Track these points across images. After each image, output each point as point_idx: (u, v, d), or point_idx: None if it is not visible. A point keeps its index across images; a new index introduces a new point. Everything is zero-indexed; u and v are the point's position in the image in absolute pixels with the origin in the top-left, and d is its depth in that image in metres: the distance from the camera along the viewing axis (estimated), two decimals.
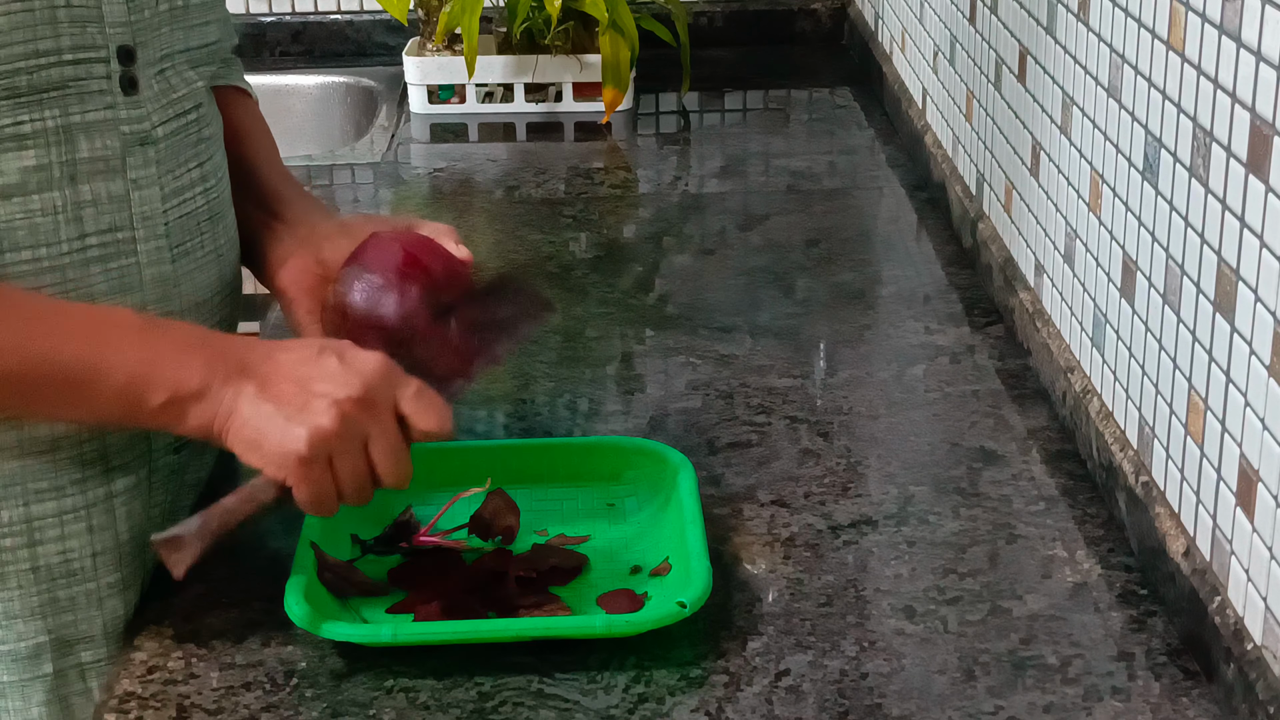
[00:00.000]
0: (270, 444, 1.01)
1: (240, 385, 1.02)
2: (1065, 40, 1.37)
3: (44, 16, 1.02)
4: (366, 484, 1.04)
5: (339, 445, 1.01)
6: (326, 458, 1.01)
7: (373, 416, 1.02)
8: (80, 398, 1.02)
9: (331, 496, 1.03)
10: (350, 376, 1.02)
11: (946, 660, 1.06)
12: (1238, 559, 1.01)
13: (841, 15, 2.57)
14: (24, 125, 1.03)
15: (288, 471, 1.02)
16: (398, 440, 1.04)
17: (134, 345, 1.02)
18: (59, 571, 1.10)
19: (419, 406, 1.04)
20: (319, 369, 1.03)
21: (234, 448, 1.03)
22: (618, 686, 1.04)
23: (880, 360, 1.49)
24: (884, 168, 2.02)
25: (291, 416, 1.01)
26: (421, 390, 1.05)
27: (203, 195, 1.14)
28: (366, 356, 1.04)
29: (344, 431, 1.01)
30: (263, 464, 1.02)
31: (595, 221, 1.87)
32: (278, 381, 1.02)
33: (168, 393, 1.01)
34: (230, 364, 1.03)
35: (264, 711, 1.02)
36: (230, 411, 1.02)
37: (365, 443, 1.02)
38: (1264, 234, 0.96)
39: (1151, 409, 1.17)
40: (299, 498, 1.03)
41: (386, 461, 1.03)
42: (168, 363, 1.02)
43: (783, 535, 1.20)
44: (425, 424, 1.04)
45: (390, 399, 1.03)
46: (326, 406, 1.01)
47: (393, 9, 2.21)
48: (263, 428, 1.01)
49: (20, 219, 1.03)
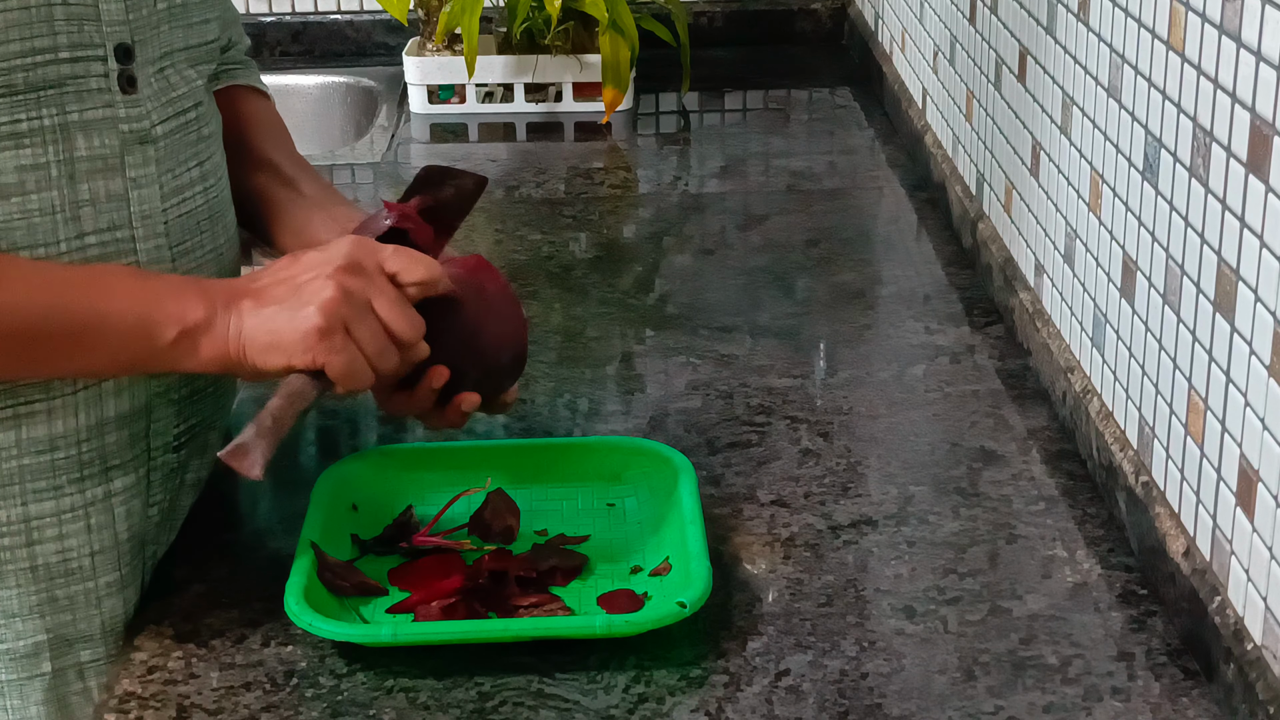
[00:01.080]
0: (287, 334, 1.04)
1: (238, 304, 1.05)
2: (1065, 40, 1.37)
3: (41, 14, 1.02)
4: (387, 343, 1.06)
5: (347, 310, 1.04)
6: (342, 325, 1.04)
7: (366, 278, 1.06)
8: (92, 346, 1.03)
9: (361, 362, 1.05)
10: (331, 255, 1.06)
11: (946, 660, 1.06)
12: (1238, 559, 1.01)
13: (841, 15, 2.57)
14: (21, 123, 1.02)
15: (313, 350, 1.04)
16: (396, 294, 1.07)
17: (132, 289, 1.05)
18: (57, 570, 1.10)
19: (404, 261, 1.08)
20: (300, 264, 1.07)
21: (255, 360, 1.04)
22: (618, 686, 1.04)
23: (880, 360, 1.49)
24: (884, 168, 2.02)
25: (295, 304, 1.04)
26: (400, 248, 1.09)
27: (202, 194, 1.14)
28: (339, 239, 1.08)
29: (346, 296, 1.04)
30: (288, 358, 1.04)
31: (595, 221, 1.87)
32: (270, 288, 1.06)
33: (176, 327, 1.03)
34: (223, 292, 1.06)
35: (264, 711, 1.02)
36: (239, 329, 1.04)
37: (370, 305, 1.05)
38: (1264, 234, 0.96)
39: (1151, 409, 1.17)
40: (332, 372, 1.05)
41: (394, 314, 1.06)
42: (169, 299, 1.04)
43: (783, 535, 1.20)
44: (415, 274, 1.08)
45: (374, 262, 1.07)
46: (322, 282, 1.04)
47: (393, 9, 2.21)
48: (274, 325, 1.04)
49: (19, 218, 1.03)
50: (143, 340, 1.03)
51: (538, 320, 1.58)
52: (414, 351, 1.08)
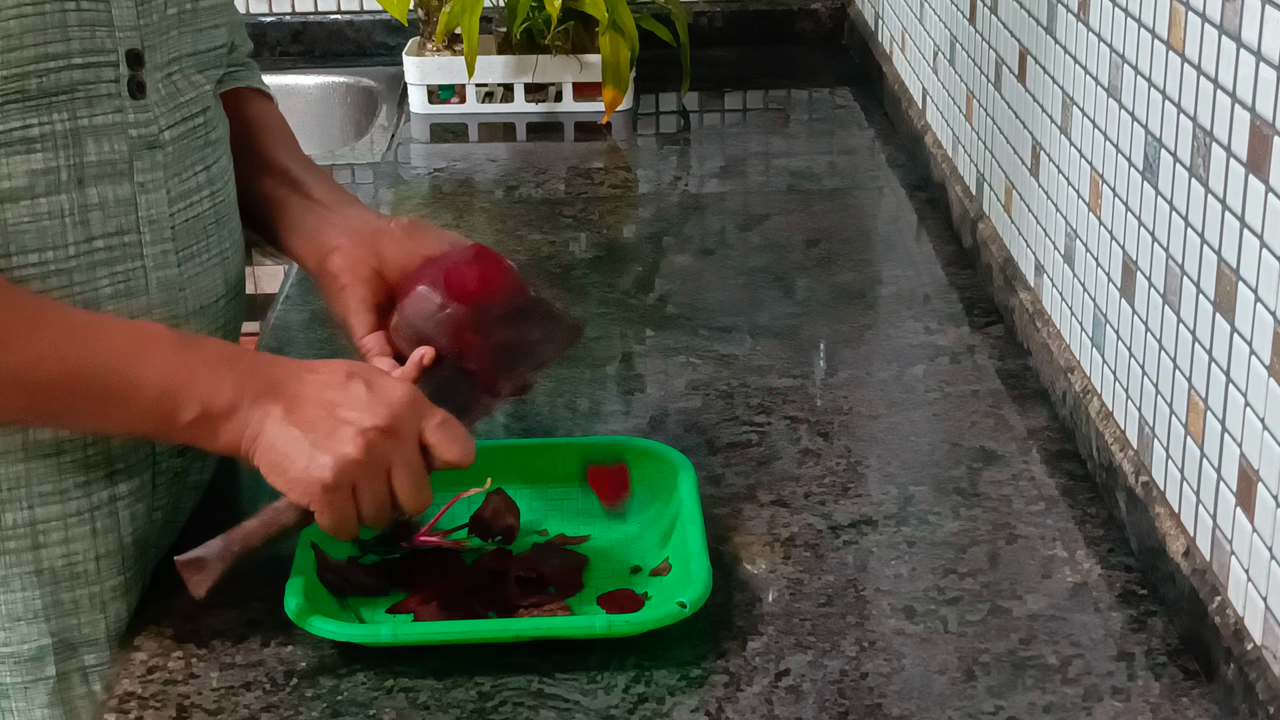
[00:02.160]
0: (295, 470, 1.02)
1: (268, 406, 1.02)
2: (1065, 40, 1.37)
3: (54, 20, 1.02)
4: (387, 509, 1.05)
5: (363, 474, 1.02)
6: (350, 486, 1.02)
7: (397, 446, 1.03)
8: (114, 409, 1.03)
9: (353, 521, 1.04)
10: (377, 405, 1.03)
11: (946, 660, 1.06)
12: (1238, 559, 1.02)
13: (841, 15, 2.57)
14: (32, 129, 1.02)
15: (312, 498, 1.02)
16: (420, 469, 1.04)
17: (168, 359, 1.03)
18: (63, 574, 1.10)
19: (443, 437, 1.05)
20: (347, 395, 1.03)
21: (260, 468, 1.03)
22: (618, 686, 1.04)
23: (880, 360, 1.49)
24: (884, 168, 2.02)
25: (318, 443, 1.01)
26: (446, 420, 1.05)
27: (209, 199, 1.14)
28: (394, 385, 1.05)
29: (369, 461, 1.02)
30: (287, 488, 1.03)
31: (595, 221, 1.87)
32: (305, 405, 1.02)
33: (199, 408, 1.02)
34: (260, 383, 1.03)
35: (264, 711, 1.03)
36: (257, 433, 1.02)
37: (389, 472, 1.03)
38: (1264, 234, 0.96)
39: (1151, 409, 1.17)
40: (321, 523, 1.04)
41: (408, 490, 1.04)
42: (200, 379, 1.02)
43: (783, 535, 1.20)
44: (448, 455, 1.05)
45: (415, 429, 1.04)
46: (353, 435, 1.01)
47: (393, 9, 2.21)
48: (289, 452, 1.02)
49: (28, 222, 1.03)
50: (165, 415, 1.02)
51: None
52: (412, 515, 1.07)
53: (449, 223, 1.82)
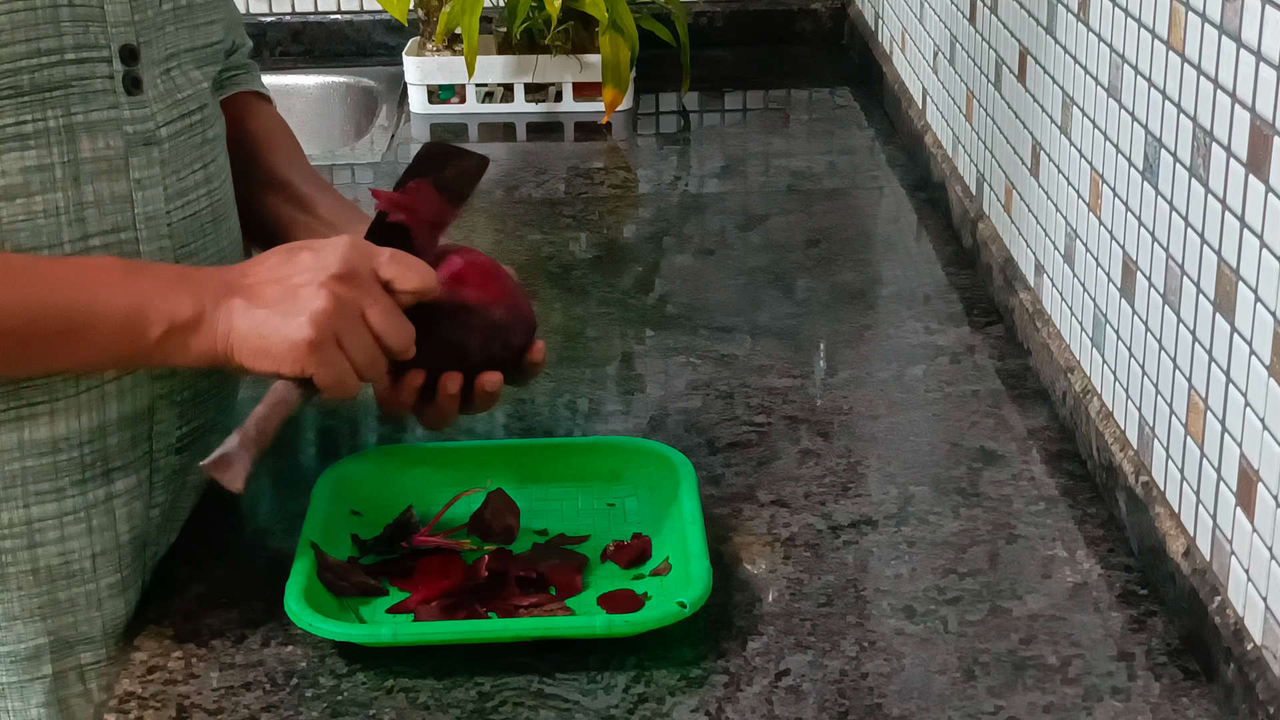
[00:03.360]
0: (277, 342, 1.03)
1: (229, 302, 1.04)
2: (1065, 40, 1.37)
3: (46, 15, 1.02)
4: (376, 353, 1.06)
5: (340, 321, 1.03)
6: (333, 337, 1.03)
7: (360, 286, 1.05)
8: (81, 342, 1.03)
9: (350, 373, 1.05)
10: (326, 259, 1.05)
11: (946, 660, 1.06)
12: (1238, 559, 1.01)
13: (841, 15, 2.57)
14: (26, 125, 1.02)
15: (302, 361, 1.03)
16: (390, 302, 1.06)
17: (124, 284, 1.04)
18: (59, 573, 1.10)
19: (398, 268, 1.06)
20: (295, 265, 1.05)
21: (243, 361, 1.04)
22: (618, 686, 1.04)
23: (880, 360, 1.49)
24: (884, 168, 2.02)
25: (287, 311, 1.03)
26: (395, 254, 1.07)
27: (206, 197, 1.14)
28: (334, 240, 1.07)
29: (339, 307, 1.03)
30: (276, 365, 1.04)
31: (595, 221, 1.87)
32: (262, 287, 1.04)
33: (165, 324, 1.03)
34: (215, 287, 1.05)
35: (264, 711, 1.02)
36: (229, 329, 1.03)
37: (362, 314, 1.05)
38: (1264, 234, 0.96)
39: (1151, 409, 1.17)
40: (320, 382, 1.04)
41: (385, 324, 1.05)
42: (158, 296, 1.03)
43: (783, 535, 1.20)
44: (408, 282, 1.06)
45: (369, 268, 1.06)
46: (315, 290, 1.03)
47: (393, 9, 2.21)
48: (264, 331, 1.03)
49: (23, 219, 1.03)
50: (132, 337, 1.03)
51: (538, 320, 1.57)
52: (403, 358, 1.08)
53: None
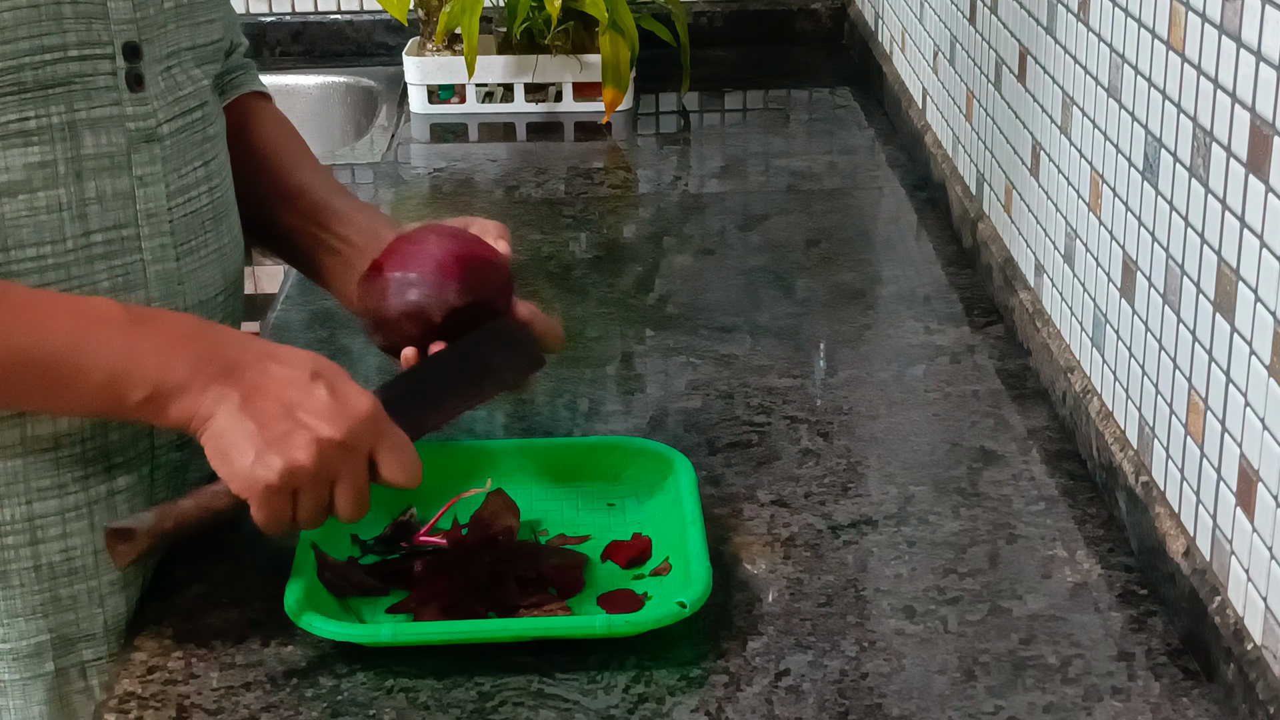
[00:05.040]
0: (241, 464, 1.00)
1: (224, 390, 1.00)
2: (1065, 40, 1.37)
3: (49, 12, 1.02)
4: (323, 516, 1.03)
5: (309, 482, 1.00)
6: (292, 490, 1.00)
7: (348, 460, 1.01)
8: (61, 391, 1.01)
9: (287, 522, 1.02)
10: (337, 416, 1.01)
11: (946, 660, 1.06)
12: (1238, 559, 1.02)
13: (841, 15, 2.57)
14: (29, 121, 1.03)
15: (253, 495, 1.00)
16: (364, 484, 1.03)
17: (118, 341, 1.01)
18: (61, 569, 1.10)
19: (395, 460, 1.03)
20: (308, 397, 1.01)
21: (206, 451, 1.02)
22: (618, 686, 1.04)
23: (880, 360, 1.49)
24: (884, 168, 2.02)
25: (270, 443, 0.99)
26: (401, 444, 1.04)
27: (207, 194, 1.14)
28: (356, 396, 1.02)
29: (317, 471, 1.00)
30: (229, 479, 1.01)
31: (595, 221, 1.87)
32: (263, 398, 1.01)
33: (149, 388, 1.00)
34: (218, 364, 1.01)
35: (264, 711, 1.02)
36: (210, 415, 1.00)
37: (333, 483, 1.02)
38: (1264, 234, 0.96)
39: (1151, 409, 1.17)
40: (255, 518, 1.02)
41: (349, 503, 1.02)
42: (150, 360, 1.01)
43: (783, 535, 1.20)
44: (395, 477, 1.03)
45: (368, 447, 1.02)
46: (307, 442, 0.99)
47: (393, 9, 2.21)
48: (239, 444, 1.00)
49: (25, 216, 1.03)
50: (113, 397, 1.01)
51: None
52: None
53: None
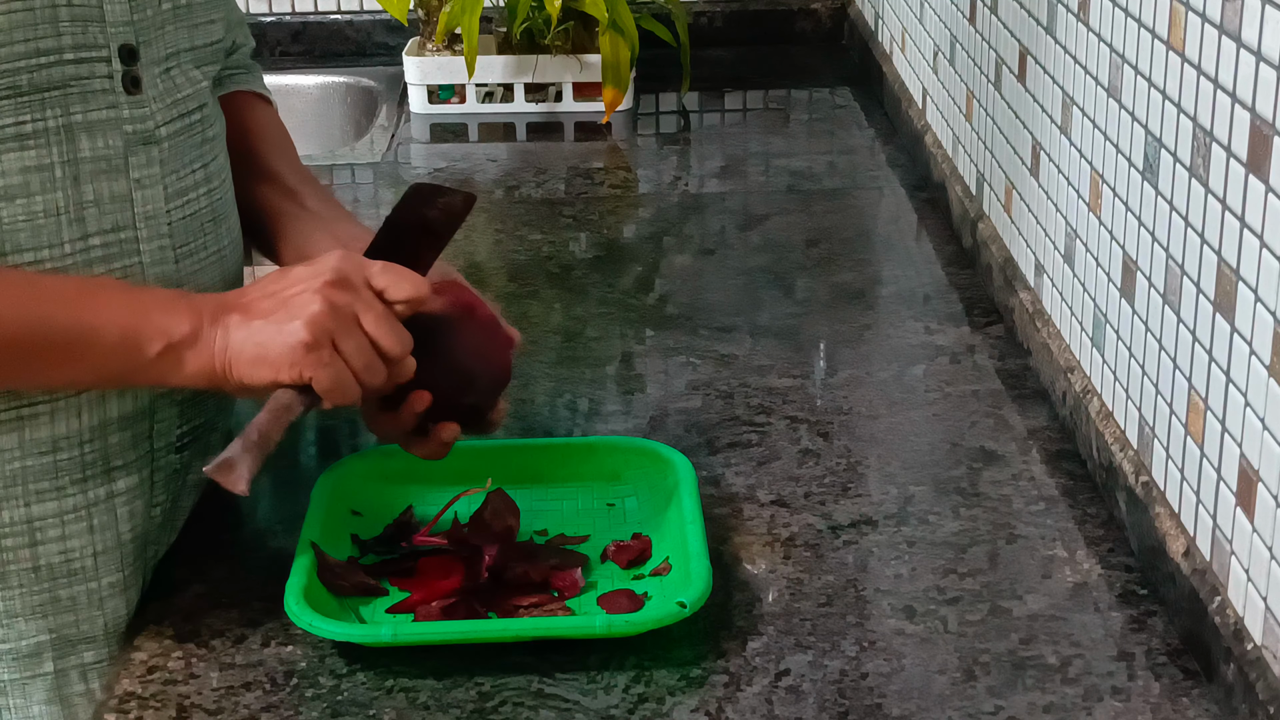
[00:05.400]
0: (274, 349, 1.03)
1: (225, 319, 1.04)
2: (1065, 40, 1.37)
3: (45, 15, 1.02)
4: (373, 358, 1.05)
5: (335, 323, 1.04)
6: (329, 339, 1.04)
7: (353, 293, 1.05)
8: (79, 358, 1.03)
9: (348, 376, 1.05)
10: (317, 268, 1.06)
11: (946, 660, 1.06)
12: (1238, 559, 1.02)
13: (841, 15, 2.57)
14: (26, 125, 1.03)
15: (300, 365, 1.03)
16: (384, 309, 1.06)
17: (122, 301, 1.04)
18: (60, 571, 1.10)
19: (391, 277, 1.07)
20: (288, 279, 1.06)
21: (241, 375, 1.04)
22: (618, 686, 1.04)
23: (880, 360, 1.49)
24: (884, 168, 2.02)
25: (283, 319, 1.03)
26: (387, 264, 1.08)
27: (206, 196, 1.14)
28: (327, 254, 1.08)
29: (333, 310, 1.04)
30: (274, 373, 1.04)
31: (595, 221, 1.87)
32: (257, 302, 1.05)
33: (162, 341, 1.03)
34: (211, 306, 1.05)
35: (264, 711, 1.03)
36: (226, 344, 1.04)
37: (357, 319, 1.05)
38: (1264, 234, 0.96)
39: (1151, 409, 1.17)
40: (319, 386, 1.04)
41: (381, 329, 1.05)
42: (156, 314, 1.04)
43: (783, 535, 1.20)
44: (401, 291, 1.07)
45: (362, 277, 1.06)
46: (309, 296, 1.04)
47: (393, 9, 2.21)
48: (261, 339, 1.03)
49: (23, 219, 1.03)
50: (128, 354, 1.03)
51: (537, 320, 1.58)
52: (401, 367, 1.07)
53: None
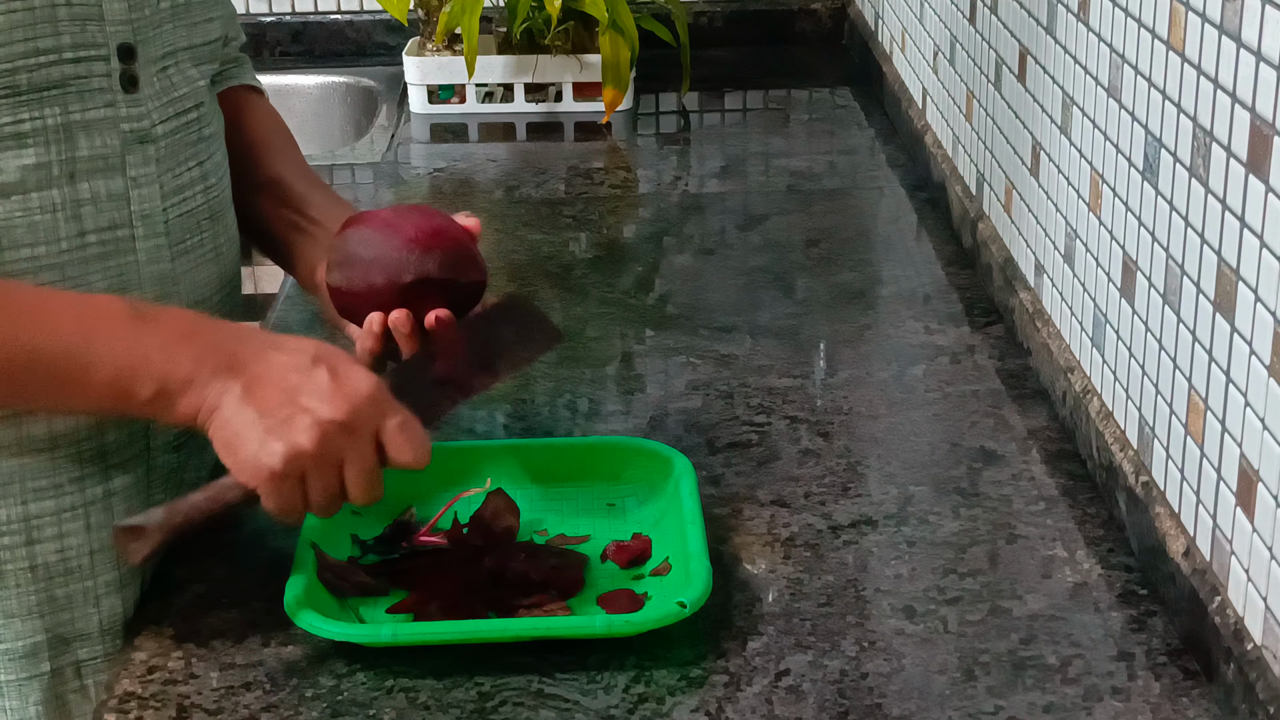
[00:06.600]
0: (246, 452, 1.00)
1: (228, 382, 1.01)
2: (1065, 40, 1.37)
3: (44, 15, 1.02)
4: (336, 501, 1.03)
5: (314, 466, 1.01)
6: (299, 475, 1.01)
7: (353, 441, 1.01)
8: (68, 390, 1.02)
9: (298, 509, 1.03)
10: (339, 397, 1.01)
11: (946, 660, 1.06)
12: (1238, 559, 1.01)
13: (841, 15, 2.57)
14: (24, 124, 1.03)
15: (259, 482, 1.01)
16: (373, 465, 1.03)
17: (123, 338, 1.02)
18: (56, 570, 1.10)
19: (400, 439, 1.03)
20: (309, 381, 1.01)
21: (213, 443, 1.03)
22: (618, 686, 1.04)
23: (880, 360, 1.49)
24: (884, 168, 2.02)
25: (272, 429, 1.00)
26: (406, 421, 1.04)
27: (203, 194, 1.14)
28: (359, 377, 1.03)
29: (321, 454, 1.00)
30: (236, 469, 1.02)
31: (595, 221, 1.87)
32: (265, 386, 1.01)
33: (155, 385, 1.01)
34: (221, 357, 1.02)
35: (264, 711, 1.02)
36: (215, 407, 1.01)
37: (340, 465, 1.02)
38: (1264, 234, 0.96)
39: (1151, 409, 1.17)
40: (266, 506, 1.03)
41: (358, 485, 1.03)
42: (156, 356, 1.01)
43: (783, 535, 1.20)
44: (403, 457, 1.03)
45: (375, 426, 1.02)
46: (309, 425, 1.00)
47: (393, 9, 2.21)
48: (242, 433, 1.00)
49: (19, 217, 1.03)
50: (120, 393, 1.01)
51: None
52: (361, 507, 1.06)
53: None
